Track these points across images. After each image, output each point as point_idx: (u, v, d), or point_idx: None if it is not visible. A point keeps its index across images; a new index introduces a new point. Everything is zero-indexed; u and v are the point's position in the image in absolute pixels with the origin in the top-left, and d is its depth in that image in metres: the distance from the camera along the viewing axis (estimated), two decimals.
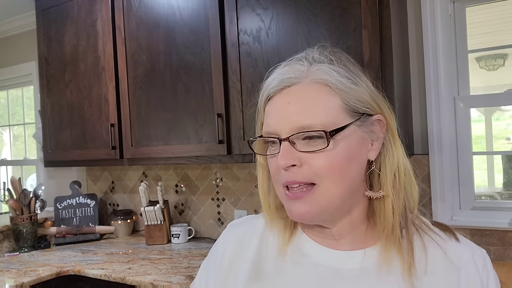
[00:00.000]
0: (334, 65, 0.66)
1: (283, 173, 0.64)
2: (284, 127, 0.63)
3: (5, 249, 2.37)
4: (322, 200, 0.63)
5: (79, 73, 2.39)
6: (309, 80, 0.65)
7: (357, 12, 1.58)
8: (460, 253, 0.68)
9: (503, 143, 3.83)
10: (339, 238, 0.69)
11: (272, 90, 0.67)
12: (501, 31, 2.02)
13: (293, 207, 0.64)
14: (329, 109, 0.63)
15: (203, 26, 1.94)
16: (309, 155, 0.62)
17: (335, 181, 0.62)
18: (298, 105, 0.63)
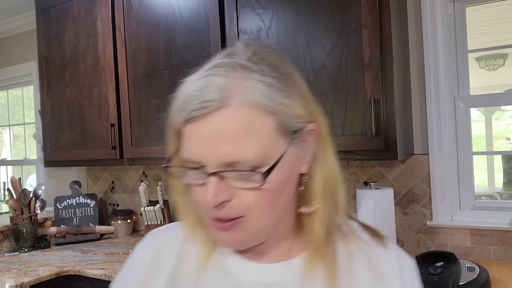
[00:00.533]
0: (265, 75, 0.56)
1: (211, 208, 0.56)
2: (211, 159, 0.54)
3: (5, 249, 2.37)
4: (252, 230, 0.58)
5: (79, 73, 2.39)
6: (237, 103, 0.54)
7: (357, 12, 1.58)
8: (386, 261, 0.65)
9: (503, 143, 3.83)
10: (266, 252, 0.64)
11: (192, 115, 0.54)
12: (501, 31, 2.02)
13: (221, 236, 0.59)
14: (262, 136, 0.54)
15: (203, 26, 1.94)
16: (239, 190, 0.55)
17: (265, 214, 0.57)
18: (228, 136, 0.53)
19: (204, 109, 0.54)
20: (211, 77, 0.56)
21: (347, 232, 0.66)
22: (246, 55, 0.58)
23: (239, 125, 0.53)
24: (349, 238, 0.66)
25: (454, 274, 1.35)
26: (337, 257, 0.63)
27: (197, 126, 0.55)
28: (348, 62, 1.61)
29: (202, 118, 0.54)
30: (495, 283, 1.46)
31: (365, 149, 1.58)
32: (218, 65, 0.58)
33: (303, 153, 0.59)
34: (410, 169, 1.86)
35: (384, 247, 0.66)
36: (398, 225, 1.85)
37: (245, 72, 0.56)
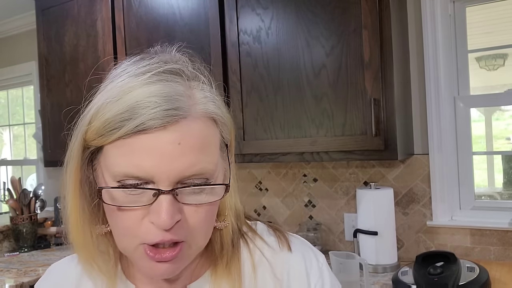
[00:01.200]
0: (210, 86, 0.55)
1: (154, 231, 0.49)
2: (167, 174, 0.48)
3: (5, 249, 2.37)
4: (190, 255, 0.54)
5: (79, 73, 2.39)
6: (198, 113, 0.51)
7: (357, 12, 1.58)
8: (291, 266, 0.61)
9: (503, 143, 3.83)
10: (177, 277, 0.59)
11: (149, 124, 0.48)
12: (501, 31, 2.02)
13: (157, 269, 0.51)
14: (215, 148, 0.53)
15: (203, 26, 1.94)
16: (192, 208, 0.50)
17: (206, 234, 0.54)
18: (191, 148, 0.49)
19: (166, 118, 0.48)
20: (167, 83, 0.50)
21: (251, 239, 0.63)
22: (184, 63, 0.54)
23: (201, 136, 0.50)
24: (254, 246, 0.62)
25: (454, 274, 1.35)
26: (242, 271, 0.60)
27: (153, 137, 0.48)
28: (348, 62, 1.61)
29: (162, 128, 0.48)
30: (495, 283, 1.46)
31: (365, 149, 1.58)
32: (168, 71, 0.52)
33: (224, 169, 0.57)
34: (410, 169, 1.86)
35: (289, 251, 0.62)
36: (398, 225, 1.86)
37: (196, 81, 0.53)
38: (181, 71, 0.53)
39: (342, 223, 2.01)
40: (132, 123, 0.48)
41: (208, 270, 0.61)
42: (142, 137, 0.48)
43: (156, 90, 0.49)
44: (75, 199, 0.57)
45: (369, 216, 1.69)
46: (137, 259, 0.53)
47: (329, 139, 1.64)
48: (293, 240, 0.64)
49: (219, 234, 0.59)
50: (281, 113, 1.74)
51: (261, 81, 1.78)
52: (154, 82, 0.50)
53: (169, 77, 0.51)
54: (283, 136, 1.74)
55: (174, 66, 0.53)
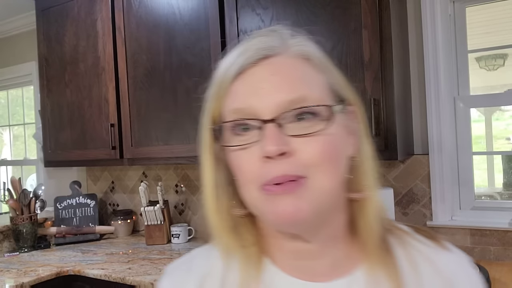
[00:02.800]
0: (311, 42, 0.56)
1: (268, 166, 0.49)
2: (266, 105, 0.49)
3: (5, 249, 2.37)
4: (314, 195, 0.49)
5: (79, 73, 2.39)
6: (291, 52, 0.53)
7: (357, 12, 1.58)
8: (453, 266, 0.57)
9: (503, 143, 3.83)
10: (319, 257, 0.55)
11: (246, 61, 0.52)
12: (501, 31, 2.03)
13: (280, 205, 0.49)
14: (319, 84, 0.52)
15: (203, 26, 1.94)
16: (301, 139, 0.49)
17: (328, 173, 0.50)
18: (286, 76, 0.50)
19: (257, 54, 0.52)
20: (263, 36, 0.55)
21: (401, 235, 0.58)
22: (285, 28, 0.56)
23: (297, 70, 0.52)
24: (407, 243, 0.58)
25: None
26: (400, 267, 0.55)
27: (250, 75, 0.52)
28: (348, 62, 1.61)
29: (257, 64, 0.52)
30: (495, 283, 1.46)
31: None
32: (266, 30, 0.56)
33: (349, 130, 0.55)
34: (410, 169, 1.86)
35: (448, 251, 0.58)
36: None
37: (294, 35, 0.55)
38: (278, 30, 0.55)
39: None
40: (233, 68, 0.52)
41: (362, 267, 0.55)
42: (240, 79, 0.52)
43: (254, 41, 0.54)
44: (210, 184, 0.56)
45: None
46: (261, 206, 0.51)
47: None
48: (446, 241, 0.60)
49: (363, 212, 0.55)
50: None
51: None
52: (253, 38, 0.55)
53: (267, 33, 0.55)
54: None
55: (275, 27, 0.56)
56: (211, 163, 0.56)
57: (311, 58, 0.53)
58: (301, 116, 0.50)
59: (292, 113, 0.49)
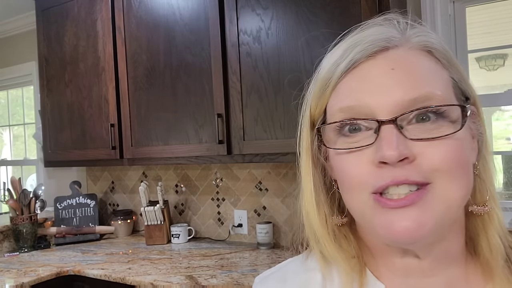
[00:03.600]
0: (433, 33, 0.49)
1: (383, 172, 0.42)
2: (384, 104, 0.43)
3: (5, 249, 2.37)
4: (440, 206, 0.42)
5: (79, 73, 2.39)
6: (410, 45, 0.46)
7: (357, 12, 1.58)
8: None
9: (503, 143, 3.83)
10: (431, 275, 0.48)
11: (359, 54, 0.45)
12: (501, 31, 2.02)
13: (396, 220, 0.42)
14: (443, 81, 0.45)
15: (203, 26, 1.94)
16: (425, 143, 0.42)
17: (457, 180, 0.43)
18: (407, 72, 0.44)
19: (374, 48, 0.45)
20: (380, 26, 0.48)
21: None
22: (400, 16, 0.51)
23: (418, 64, 0.45)
24: None
25: None
26: None
27: (363, 69, 0.45)
28: None
29: (370, 58, 0.45)
30: None
31: None
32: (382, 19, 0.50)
33: (472, 134, 0.48)
34: None
35: None
36: None
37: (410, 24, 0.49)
38: (395, 18, 0.50)
39: None
40: (342, 64, 0.46)
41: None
42: (351, 74, 0.46)
43: (368, 32, 0.48)
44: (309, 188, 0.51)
45: None
46: (370, 218, 0.44)
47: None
48: None
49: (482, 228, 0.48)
50: (281, 113, 1.74)
51: (261, 81, 1.78)
52: (368, 27, 0.49)
53: (381, 22, 0.49)
54: (283, 136, 1.74)
55: (389, 15, 0.50)
56: (311, 166, 0.50)
57: (433, 50, 0.47)
58: (424, 117, 0.43)
59: (414, 114, 0.43)
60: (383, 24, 0.49)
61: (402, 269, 0.49)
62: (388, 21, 0.49)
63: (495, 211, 0.48)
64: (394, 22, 0.49)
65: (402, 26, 0.49)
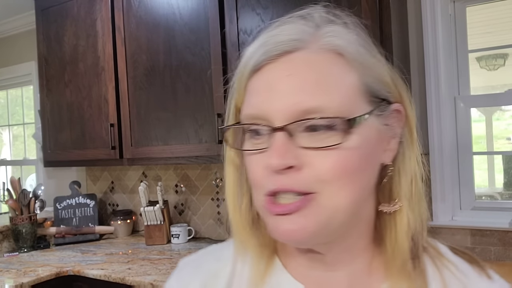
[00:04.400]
0: (350, 29, 0.49)
1: (272, 178, 0.44)
2: (278, 111, 0.44)
3: (4, 249, 2.37)
4: (324, 213, 0.45)
5: (79, 73, 2.39)
6: (317, 46, 0.46)
7: (357, 12, 1.57)
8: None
9: (503, 143, 3.83)
10: (334, 269, 0.51)
11: (263, 56, 0.46)
12: (502, 31, 2.02)
13: (281, 223, 0.45)
14: (344, 88, 0.45)
15: (203, 26, 1.94)
16: (314, 152, 0.43)
17: (342, 189, 0.44)
18: (303, 80, 0.44)
19: (276, 49, 0.46)
20: (291, 23, 0.48)
21: (436, 256, 0.53)
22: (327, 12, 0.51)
23: (318, 69, 0.45)
24: (441, 264, 0.52)
25: None
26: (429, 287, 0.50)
27: (266, 72, 0.46)
28: None
29: (273, 61, 0.46)
30: None
31: None
32: (298, 15, 0.49)
33: (387, 135, 0.49)
34: None
35: (489, 279, 0.52)
36: None
37: (327, 22, 0.49)
38: (309, 15, 0.49)
39: None
40: (250, 63, 0.48)
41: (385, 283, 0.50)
42: (256, 76, 0.47)
43: (277, 30, 0.48)
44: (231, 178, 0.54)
45: None
46: (264, 217, 0.48)
47: None
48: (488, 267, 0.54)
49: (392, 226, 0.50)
50: None
51: None
52: (278, 25, 0.49)
53: (294, 19, 0.48)
54: None
55: (303, 11, 0.49)
56: (233, 160, 0.53)
57: (342, 52, 0.46)
58: (315, 127, 0.44)
59: (305, 123, 0.44)
60: (295, 22, 0.48)
61: (307, 262, 0.51)
62: (303, 19, 0.49)
63: (405, 210, 0.49)
64: (310, 19, 0.48)
65: (319, 21, 0.48)
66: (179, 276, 0.58)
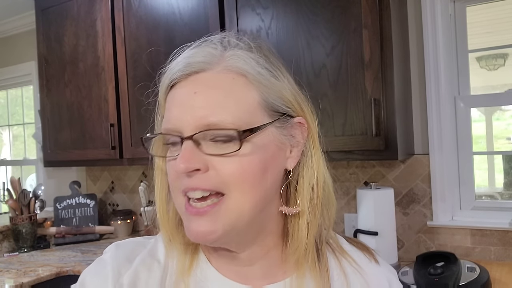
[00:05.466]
0: (253, 52, 0.56)
1: (182, 180, 0.52)
2: (187, 123, 0.51)
3: (4, 249, 2.37)
4: (230, 215, 0.52)
5: (79, 73, 2.39)
6: (221, 68, 0.53)
7: (358, 11, 1.58)
8: (381, 280, 0.63)
9: (503, 143, 3.82)
10: (250, 264, 0.58)
11: (175, 75, 0.54)
12: (502, 31, 2.02)
13: (193, 225, 0.52)
14: (243, 104, 0.52)
15: (203, 26, 1.94)
16: (217, 158, 0.51)
17: (246, 192, 0.51)
18: (206, 97, 0.52)
19: (186, 70, 0.53)
20: (201, 47, 0.56)
21: (335, 248, 0.63)
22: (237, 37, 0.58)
23: (220, 88, 0.52)
24: (340, 255, 0.62)
25: (454, 274, 1.35)
26: (330, 277, 0.59)
27: (178, 91, 0.54)
28: (348, 62, 1.60)
29: (184, 79, 0.54)
30: (496, 284, 1.45)
31: (365, 149, 1.58)
32: (211, 40, 0.57)
33: (288, 143, 0.56)
34: (410, 169, 1.86)
35: (377, 264, 0.64)
36: (399, 225, 1.85)
37: (234, 46, 0.56)
38: (220, 40, 0.57)
39: (343, 224, 2.01)
40: (165, 84, 0.56)
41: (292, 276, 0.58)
42: (173, 91, 0.55)
43: (189, 53, 0.55)
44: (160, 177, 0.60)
45: (369, 216, 1.68)
46: (183, 218, 0.55)
47: (329, 139, 1.63)
48: (376, 254, 0.66)
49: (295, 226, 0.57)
50: None
51: None
52: (193, 47, 0.56)
53: (205, 45, 0.56)
54: None
55: (215, 37, 0.57)
56: (160, 167, 0.59)
57: (244, 73, 0.53)
58: (217, 138, 0.51)
59: (208, 134, 0.51)
60: (207, 46, 0.56)
61: (227, 258, 0.58)
62: (211, 43, 0.56)
63: (305, 213, 0.56)
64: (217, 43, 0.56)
65: (227, 45, 0.56)
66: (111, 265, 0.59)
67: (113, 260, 0.60)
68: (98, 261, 0.61)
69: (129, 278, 0.58)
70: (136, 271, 0.58)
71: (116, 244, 0.63)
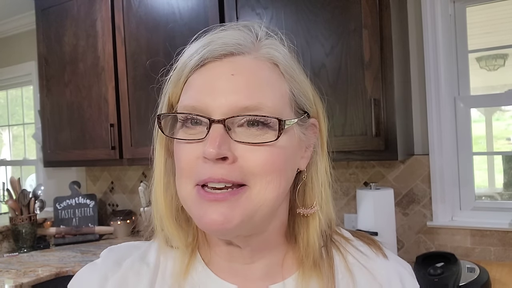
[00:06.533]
0: (284, 46, 0.54)
1: (205, 166, 0.47)
2: (219, 105, 0.47)
3: (4, 250, 2.36)
4: (250, 205, 0.48)
5: (79, 73, 2.39)
6: (259, 54, 0.51)
7: (357, 11, 1.58)
8: (391, 274, 0.59)
9: (503, 143, 3.82)
10: (251, 262, 0.55)
11: (209, 54, 0.50)
12: (502, 31, 2.02)
13: (209, 211, 0.47)
14: (279, 95, 0.50)
15: (203, 26, 1.92)
16: (248, 147, 0.47)
17: (272, 184, 0.49)
18: (246, 80, 0.48)
19: (222, 49, 0.50)
20: (236, 29, 0.53)
21: (341, 243, 0.61)
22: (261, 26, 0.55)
23: (259, 74, 0.50)
24: (346, 250, 0.60)
25: (454, 274, 1.35)
26: (336, 276, 0.57)
27: (210, 69, 0.50)
28: (348, 62, 1.60)
29: (218, 59, 0.50)
30: (495, 284, 1.45)
31: (365, 149, 1.58)
32: (242, 25, 0.54)
33: (304, 144, 0.55)
34: (410, 170, 1.86)
35: (385, 258, 0.61)
36: (399, 225, 1.85)
37: (266, 35, 0.54)
38: (253, 27, 0.54)
39: (342, 224, 2.01)
40: (195, 58, 0.50)
41: (295, 274, 0.56)
42: (200, 71, 0.50)
43: (223, 33, 0.52)
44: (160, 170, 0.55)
45: (369, 216, 1.68)
46: (190, 206, 0.50)
47: (329, 139, 1.63)
48: (384, 247, 0.63)
49: (305, 226, 0.56)
50: None
51: None
52: (225, 29, 0.53)
53: (241, 27, 0.53)
54: None
55: (249, 23, 0.54)
56: (164, 150, 0.55)
57: (278, 63, 0.52)
58: (253, 123, 0.48)
59: (243, 119, 0.48)
60: (241, 30, 0.53)
61: (227, 256, 0.55)
62: (247, 28, 0.53)
63: (318, 213, 0.55)
64: (252, 30, 0.53)
65: (260, 34, 0.53)
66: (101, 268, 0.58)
67: (102, 264, 0.58)
68: (89, 265, 0.59)
69: (115, 282, 0.56)
70: (124, 275, 0.56)
71: (110, 247, 0.61)
